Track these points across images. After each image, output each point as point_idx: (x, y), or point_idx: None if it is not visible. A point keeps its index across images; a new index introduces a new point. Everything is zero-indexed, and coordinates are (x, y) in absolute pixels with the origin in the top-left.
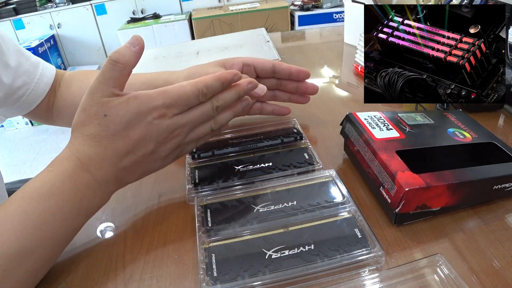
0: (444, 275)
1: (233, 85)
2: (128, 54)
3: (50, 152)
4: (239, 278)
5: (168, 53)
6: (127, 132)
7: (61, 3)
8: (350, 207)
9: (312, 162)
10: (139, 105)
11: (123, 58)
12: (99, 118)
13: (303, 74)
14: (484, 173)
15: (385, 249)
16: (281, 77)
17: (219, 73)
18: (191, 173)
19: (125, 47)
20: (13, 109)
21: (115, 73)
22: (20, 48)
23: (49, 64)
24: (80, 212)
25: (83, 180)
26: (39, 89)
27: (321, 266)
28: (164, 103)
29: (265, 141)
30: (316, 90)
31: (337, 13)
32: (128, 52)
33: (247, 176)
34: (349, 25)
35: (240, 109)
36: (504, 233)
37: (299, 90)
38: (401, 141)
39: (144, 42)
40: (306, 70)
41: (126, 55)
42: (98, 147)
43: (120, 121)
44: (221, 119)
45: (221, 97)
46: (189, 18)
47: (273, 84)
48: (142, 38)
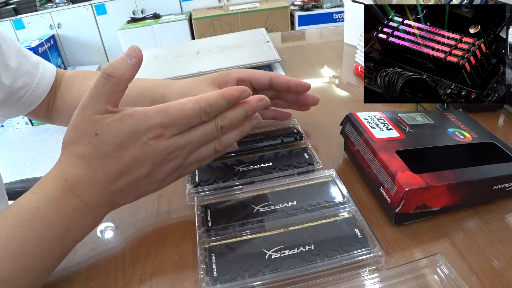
0: (444, 275)
1: (241, 102)
2: (124, 67)
3: (50, 152)
4: (239, 278)
5: (168, 53)
6: (120, 153)
7: (61, 3)
8: (350, 207)
9: (312, 162)
10: (133, 124)
11: (118, 72)
12: (90, 137)
13: (302, 87)
14: (484, 173)
15: (385, 249)
16: (279, 90)
17: (224, 90)
18: (191, 173)
19: (120, 60)
20: (13, 110)
21: (109, 88)
22: (21, 48)
23: (50, 64)
24: (67, 237)
25: (70, 203)
26: (40, 90)
27: (321, 266)
28: (161, 123)
29: (265, 141)
30: (316, 102)
31: (337, 13)
32: (124, 65)
33: (247, 176)
34: (349, 25)
35: (248, 129)
36: (504, 233)
37: (299, 101)
38: (401, 141)
39: (142, 54)
40: (306, 84)
41: (121, 68)
42: (88, 169)
43: (113, 141)
44: (226, 139)
45: (227, 116)
46: (189, 18)
47: (272, 95)
48: (140, 49)
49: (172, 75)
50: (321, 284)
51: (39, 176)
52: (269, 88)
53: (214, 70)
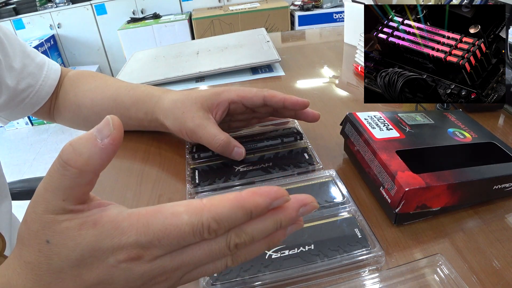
0: (444, 275)
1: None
2: (88, 152)
3: (50, 152)
4: (239, 278)
5: (168, 53)
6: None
7: (61, 3)
8: (350, 207)
9: (312, 162)
10: (96, 239)
11: (78, 159)
12: (40, 243)
13: (299, 106)
14: (484, 173)
15: (385, 249)
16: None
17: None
18: (191, 173)
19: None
20: (16, 112)
21: (66, 181)
22: (26, 47)
23: (55, 64)
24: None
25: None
26: (43, 91)
27: (321, 266)
28: (137, 242)
29: (265, 141)
30: (317, 118)
31: (337, 13)
32: (89, 149)
33: (247, 176)
34: (349, 25)
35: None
36: (504, 233)
37: (298, 117)
38: (401, 141)
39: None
40: (303, 101)
41: (84, 153)
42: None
43: (68, 255)
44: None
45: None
46: (189, 18)
47: (269, 110)
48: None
49: (172, 75)
50: (321, 284)
51: (39, 176)
52: (264, 105)
53: (214, 70)
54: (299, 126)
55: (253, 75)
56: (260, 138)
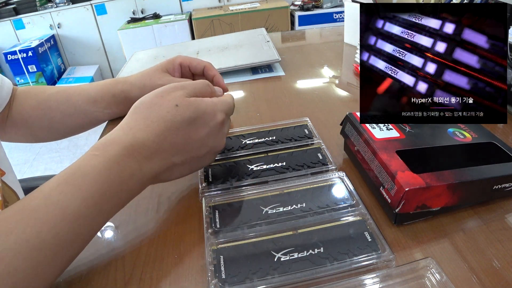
0: (436, 280)
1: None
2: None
3: (50, 152)
4: (247, 280)
5: (168, 53)
6: (188, 129)
7: (61, 3)
8: (360, 210)
9: (326, 162)
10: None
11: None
12: (170, 106)
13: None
14: (484, 173)
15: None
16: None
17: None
18: (204, 172)
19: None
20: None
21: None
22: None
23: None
24: (117, 204)
25: (128, 169)
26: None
27: (330, 270)
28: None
29: (278, 141)
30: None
31: (337, 13)
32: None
33: (260, 176)
34: (349, 25)
35: None
36: (504, 233)
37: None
38: (401, 141)
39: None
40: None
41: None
42: (157, 137)
43: (189, 116)
44: None
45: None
46: (189, 18)
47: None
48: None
49: None
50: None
51: (38, 176)
52: (202, 75)
53: None
54: (312, 126)
55: (253, 75)
56: (272, 139)
